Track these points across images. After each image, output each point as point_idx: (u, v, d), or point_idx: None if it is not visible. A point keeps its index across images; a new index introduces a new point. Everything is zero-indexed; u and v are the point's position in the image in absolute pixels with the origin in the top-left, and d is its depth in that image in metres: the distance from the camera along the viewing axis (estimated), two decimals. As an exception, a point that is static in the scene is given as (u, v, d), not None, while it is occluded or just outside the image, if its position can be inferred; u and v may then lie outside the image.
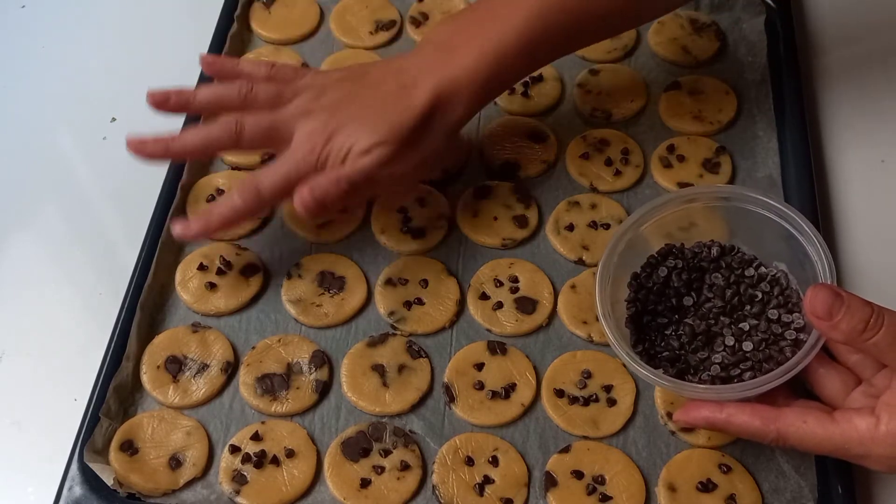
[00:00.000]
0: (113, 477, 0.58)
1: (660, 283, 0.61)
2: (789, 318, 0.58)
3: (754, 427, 0.53)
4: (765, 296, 0.59)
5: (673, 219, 0.62)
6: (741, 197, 0.60)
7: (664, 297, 0.61)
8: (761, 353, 0.57)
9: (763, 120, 0.75)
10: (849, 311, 0.51)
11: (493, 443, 0.61)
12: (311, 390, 0.63)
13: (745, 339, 0.58)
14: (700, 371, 0.58)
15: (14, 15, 0.88)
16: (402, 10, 0.83)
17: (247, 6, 0.83)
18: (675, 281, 0.61)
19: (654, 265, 0.62)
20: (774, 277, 0.60)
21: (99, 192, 0.76)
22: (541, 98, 0.77)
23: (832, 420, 0.52)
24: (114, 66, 0.84)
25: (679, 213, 0.62)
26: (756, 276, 0.60)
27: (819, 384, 0.55)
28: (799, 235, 0.58)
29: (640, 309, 0.61)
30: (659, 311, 0.61)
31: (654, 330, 0.61)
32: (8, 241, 0.73)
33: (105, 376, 0.62)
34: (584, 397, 0.63)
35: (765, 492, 0.59)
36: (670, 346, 0.59)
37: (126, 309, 0.65)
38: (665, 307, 0.61)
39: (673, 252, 0.62)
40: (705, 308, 0.60)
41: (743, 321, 0.59)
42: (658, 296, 0.61)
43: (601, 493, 0.59)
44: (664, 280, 0.61)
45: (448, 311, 0.66)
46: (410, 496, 0.59)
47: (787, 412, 0.53)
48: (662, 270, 0.61)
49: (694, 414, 0.55)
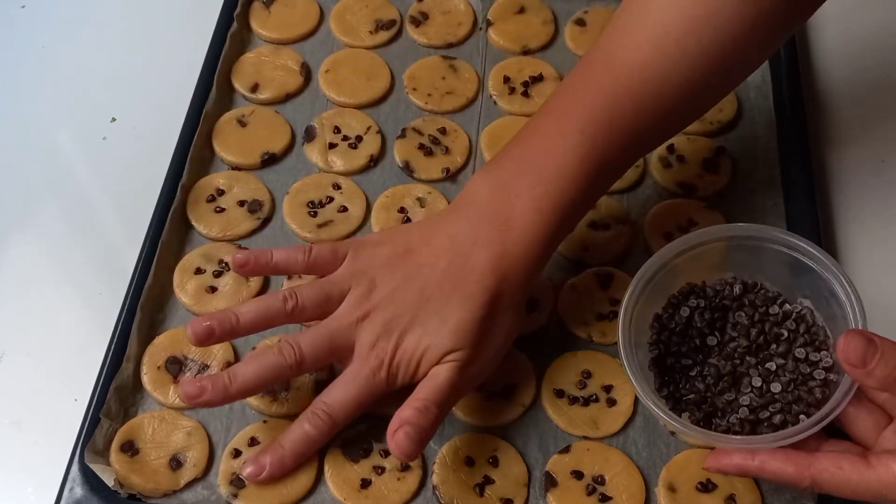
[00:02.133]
0: (113, 478, 0.58)
1: (682, 324, 0.59)
2: (817, 357, 0.56)
3: (787, 474, 0.52)
4: (791, 334, 0.58)
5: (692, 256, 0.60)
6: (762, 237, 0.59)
7: (687, 337, 0.59)
8: (790, 394, 0.56)
9: (763, 120, 0.75)
10: (883, 358, 0.50)
11: (493, 443, 0.61)
12: (311, 390, 0.63)
13: (773, 379, 0.56)
14: (728, 413, 0.57)
15: (14, 15, 0.88)
16: (402, 9, 0.83)
17: (247, 6, 0.83)
18: (697, 321, 0.59)
19: (676, 305, 0.60)
20: (800, 315, 0.59)
21: (99, 192, 0.76)
22: (541, 98, 0.77)
23: (868, 465, 0.50)
24: (114, 66, 0.83)
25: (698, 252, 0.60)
26: (781, 314, 0.59)
27: (850, 423, 0.53)
28: (824, 272, 0.57)
29: (664, 351, 0.59)
30: (683, 353, 0.59)
31: (679, 372, 0.59)
32: (8, 241, 0.73)
33: (105, 377, 0.62)
34: (584, 397, 0.63)
35: (765, 492, 0.59)
36: (696, 389, 0.58)
37: (126, 309, 0.65)
38: (689, 348, 0.59)
39: (695, 291, 0.60)
40: (730, 348, 0.59)
41: (769, 361, 0.57)
42: (681, 337, 0.59)
43: (601, 494, 0.59)
44: (687, 320, 0.60)
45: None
46: (411, 496, 0.59)
47: (821, 458, 0.51)
48: (685, 311, 0.60)
49: (725, 461, 0.54)
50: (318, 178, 0.73)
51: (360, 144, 0.75)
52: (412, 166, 0.74)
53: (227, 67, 0.78)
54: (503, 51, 0.81)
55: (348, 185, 0.73)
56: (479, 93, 0.78)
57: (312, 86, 0.79)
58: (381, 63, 0.80)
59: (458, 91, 0.78)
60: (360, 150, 0.74)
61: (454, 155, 0.74)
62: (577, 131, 0.59)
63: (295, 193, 0.72)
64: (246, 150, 0.74)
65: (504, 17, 0.82)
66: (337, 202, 0.72)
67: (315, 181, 0.73)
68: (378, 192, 0.72)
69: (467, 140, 0.75)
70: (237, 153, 0.74)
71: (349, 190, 0.72)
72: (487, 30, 0.82)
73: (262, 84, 0.78)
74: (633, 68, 0.59)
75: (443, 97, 0.78)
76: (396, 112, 0.77)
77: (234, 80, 0.78)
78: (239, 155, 0.74)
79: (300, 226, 0.70)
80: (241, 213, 0.71)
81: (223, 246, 0.69)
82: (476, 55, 0.81)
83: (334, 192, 0.72)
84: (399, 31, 0.82)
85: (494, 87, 0.78)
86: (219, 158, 0.74)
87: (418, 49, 0.81)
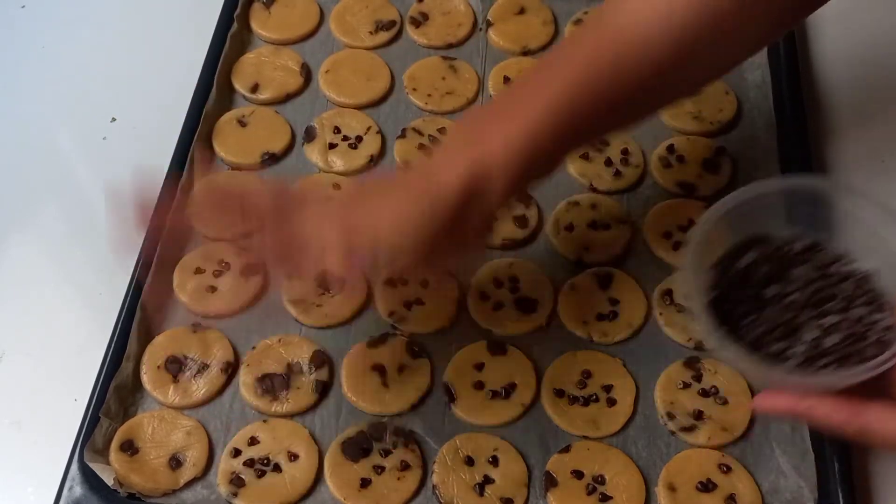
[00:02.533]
0: (113, 477, 0.59)
1: (743, 272, 0.60)
2: (876, 318, 0.56)
3: (836, 420, 0.51)
4: (851, 293, 0.57)
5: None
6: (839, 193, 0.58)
7: (747, 285, 0.59)
8: (844, 349, 0.55)
9: (763, 120, 0.75)
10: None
11: (493, 443, 0.61)
12: (311, 390, 0.63)
13: (828, 334, 0.56)
14: (779, 363, 0.56)
15: (14, 15, 0.88)
16: (402, 10, 0.83)
17: (247, 6, 0.83)
18: (758, 270, 0.59)
19: (739, 253, 0.61)
20: (863, 276, 0.58)
21: (99, 192, 0.76)
22: (541, 98, 0.77)
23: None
24: (114, 66, 0.83)
25: None
26: (843, 273, 0.58)
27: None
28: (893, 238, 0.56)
29: (721, 296, 0.60)
30: (740, 300, 0.59)
31: (734, 318, 0.59)
32: (8, 241, 0.73)
33: (105, 376, 0.62)
34: (584, 397, 0.63)
35: (765, 492, 0.59)
36: (750, 336, 0.58)
37: (126, 309, 0.65)
38: (747, 296, 0.59)
39: (759, 241, 0.60)
40: (788, 300, 0.58)
41: (826, 316, 0.57)
42: (741, 284, 0.59)
43: (601, 493, 0.59)
44: (748, 269, 0.59)
45: (448, 311, 0.66)
46: (410, 496, 0.59)
47: (874, 407, 0.51)
48: (748, 257, 0.60)
49: (772, 402, 0.54)
50: (318, 178, 0.73)
51: (360, 144, 0.75)
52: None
53: (227, 68, 0.79)
54: (503, 51, 0.81)
55: (348, 185, 0.73)
56: (480, 93, 0.78)
57: (312, 86, 0.79)
58: (381, 63, 0.80)
59: (458, 91, 0.78)
60: (360, 151, 0.74)
61: (454, 155, 0.74)
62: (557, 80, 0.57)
63: (295, 193, 0.72)
64: (246, 150, 0.74)
65: (504, 17, 0.82)
66: (337, 202, 0.72)
67: (315, 181, 0.73)
68: (378, 192, 0.72)
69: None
70: (237, 153, 0.74)
71: (349, 190, 0.72)
72: (487, 30, 0.82)
73: (262, 84, 0.78)
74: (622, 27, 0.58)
75: (443, 97, 0.78)
76: (396, 112, 0.77)
77: (235, 81, 0.78)
78: (239, 155, 0.74)
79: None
80: (241, 212, 0.71)
81: (223, 246, 0.69)
82: (476, 56, 0.81)
83: (334, 192, 0.72)
84: (399, 32, 0.82)
85: (494, 87, 0.78)
86: (219, 158, 0.74)
87: (418, 49, 0.81)
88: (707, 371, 0.63)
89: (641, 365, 0.64)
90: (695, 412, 0.62)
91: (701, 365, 0.64)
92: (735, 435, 0.61)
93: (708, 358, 0.64)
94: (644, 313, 0.66)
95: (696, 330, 0.65)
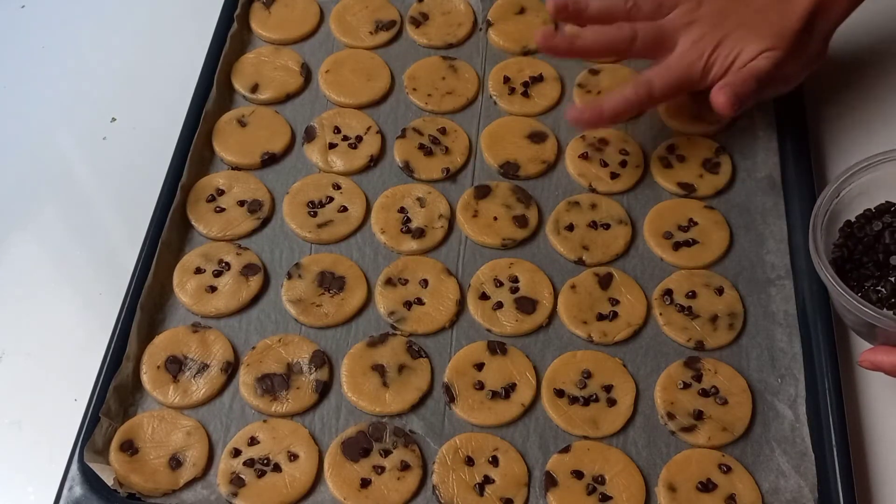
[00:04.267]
0: (113, 477, 0.59)
1: (871, 237, 0.61)
2: None
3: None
4: None
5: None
6: None
7: (873, 250, 0.61)
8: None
9: (763, 120, 0.75)
10: None
11: (493, 443, 0.61)
12: (311, 390, 0.63)
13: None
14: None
15: (14, 15, 0.88)
16: (402, 10, 0.83)
17: (247, 6, 0.83)
18: (887, 237, 0.61)
19: (870, 217, 0.62)
20: None
21: (99, 192, 0.76)
22: (541, 98, 0.77)
23: None
24: (114, 66, 0.84)
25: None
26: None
27: None
28: None
29: (846, 255, 0.61)
30: (863, 263, 0.61)
31: (855, 280, 0.61)
32: (8, 241, 0.73)
33: (105, 376, 0.62)
34: (584, 397, 0.63)
35: (765, 492, 0.59)
36: (868, 298, 0.59)
37: (126, 309, 0.65)
38: (871, 261, 0.61)
39: (891, 210, 0.62)
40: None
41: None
42: (866, 248, 0.61)
43: (601, 493, 0.59)
44: (877, 235, 0.61)
45: (448, 311, 0.66)
46: (410, 496, 0.59)
47: None
48: (877, 224, 0.62)
49: (882, 357, 0.56)
50: (318, 178, 0.73)
51: (360, 144, 0.75)
52: (412, 166, 0.74)
53: (227, 68, 0.79)
54: (503, 51, 0.81)
55: (348, 185, 0.73)
56: (479, 93, 0.78)
57: (312, 86, 0.79)
58: (381, 63, 0.80)
59: (458, 91, 0.78)
60: (360, 150, 0.74)
61: (454, 155, 0.74)
62: None
63: (295, 193, 0.72)
64: (246, 150, 0.74)
65: (504, 17, 0.82)
66: (337, 202, 0.72)
67: (315, 181, 0.73)
68: (378, 192, 0.72)
69: (467, 140, 0.75)
70: (237, 153, 0.74)
71: (349, 190, 0.72)
72: (487, 30, 0.82)
73: (262, 84, 0.78)
74: None
75: (443, 97, 0.78)
76: (396, 112, 0.77)
77: (234, 81, 0.78)
78: (239, 155, 0.74)
79: (300, 226, 0.70)
80: (241, 212, 0.71)
81: (223, 246, 0.69)
82: (476, 55, 0.81)
83: (334, 192, 0.72)
84: (399, 32, 0.82)
85: (494, 87, 0.78)
86: (219, 158, 0.74)
87: (418, 49, 0.81)
88: (707, 371, 0.63)
89: (641, 365, 0.64)
90: (695, 412, 0.62)
91: (701, 365, 0.64)
92: (735, 435, 0.61)
93: (708, 358, 0.64)
94: (644, 313, 0.66)
95: (697, 330, 0.65)
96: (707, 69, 0.68)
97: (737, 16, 0.68)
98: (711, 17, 0.68)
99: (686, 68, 0.68)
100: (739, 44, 0.67)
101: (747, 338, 0.65)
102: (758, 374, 0.64)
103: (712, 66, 0.68)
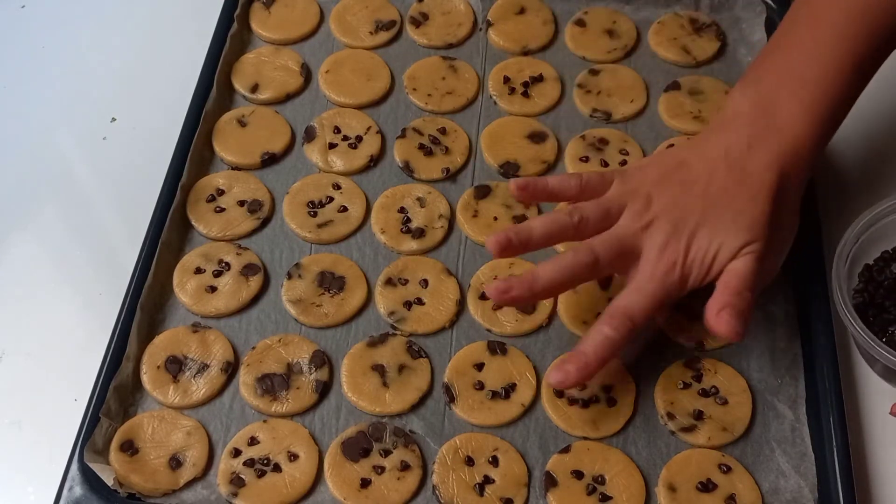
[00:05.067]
0: (113, 477, 0.58)
1: (891, 280, 0.60)
2: None
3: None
4: None
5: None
6: None
7: (894, 294, 0.60)
8: None
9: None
10: None
11: (493, 443, 0.61)
12: (311, 390, 0.63)
13: None
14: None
15: (14, 15, 0.88)
16: (402, 10, 0.83)
17: (247, 6, 0.83)
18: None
19: (888, 260, 0.61)
20: None
21: (99, 192, 0.76)
22: (541, 98, 0.77)
23: None
24: (114, 66, 0.84)
25: None
26: None
27: None
28: None
29: (867, 300, 0.60)
30: (885, 307, 0.60)
31: (877, 325, 0.60)
32: (8, 241, 0.73)
33: (105, 376, 0.62)
34: (584, 398, 0.63)
35: (765, 492, 0.59)
36: (892, 343, 0.59)
37: (126, 309, 0.65)
38: (893, 304, 0.60)
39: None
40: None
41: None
42: (888, 292, 0.60)
43: (601, 493, 0.59)
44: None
45: (448, 311, 0.66)
46: (410, 496, 0.59)
47: None
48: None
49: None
50: (318, 178, 0.73)
51: (360, 144, 0.75)
52: (412, 166, 0.74)
53: (227, 68, 0.79)
54: (503, 51, 0.81)
55: (348, 185, 0.73)
56: (479, 93, 0.78)
57: (312, 86, 0.79)
58: (381, 63, 0.80)
59: (458, 91, 0.78)
60: (360, 150, 0.74)
61: (454, 155, 0.74)
62: (833, 35, 0.60)
63: (295, 193, 0.72)
64: (246, 150, 0.74)
65: (504, 17, 0.82)
66: (337, 202, 0.72)
67: (315, 181, 0.73)
68: (378, 192, 0.72)
69: (467, 140, 0.75)
70: (237, 153, 0.74)
71: (349, 190, 0.72)
72: (487, 30, 0.82)
73: (262, 84, 0.78)
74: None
75: (443, 97, 0.78)
76: (396, 112, 0.77)
77: (234, 81, 0.78)
78: (239, 155, 0.74)
79: (300, 226, 0.70)
80: (241, 212, 0.71)
81: (223, 246, 0.69)
82: (476, 55, 0.81)
83: (334, 192, 0.72)
84: (399, 32, 0.82)
85: (494, 87, 0.78)
86: (219, 158, 0.74)
87: (418, 49, 0.81)
88: (707, 371, 0.63)
89: (641, 365, 0.64)
90: (695, 412, 0.62)
91: (701, 365, 0.64)
92: (735, 435, 0.61)
93: (708, 358, 0.64)
94: (644, 313, 0.66)
95: (697, 330, 0.65)
96: (684, 278, 0.59)
97: (695, 205, 0.60)
98: (668, 213, 0.60)
99: (661, 287, 0.59)
100: (713, 241, 0.59)
101: (747, 338, 0.65)
102: (758, 374, 0.64)
103: (689, 274, 0.59)
